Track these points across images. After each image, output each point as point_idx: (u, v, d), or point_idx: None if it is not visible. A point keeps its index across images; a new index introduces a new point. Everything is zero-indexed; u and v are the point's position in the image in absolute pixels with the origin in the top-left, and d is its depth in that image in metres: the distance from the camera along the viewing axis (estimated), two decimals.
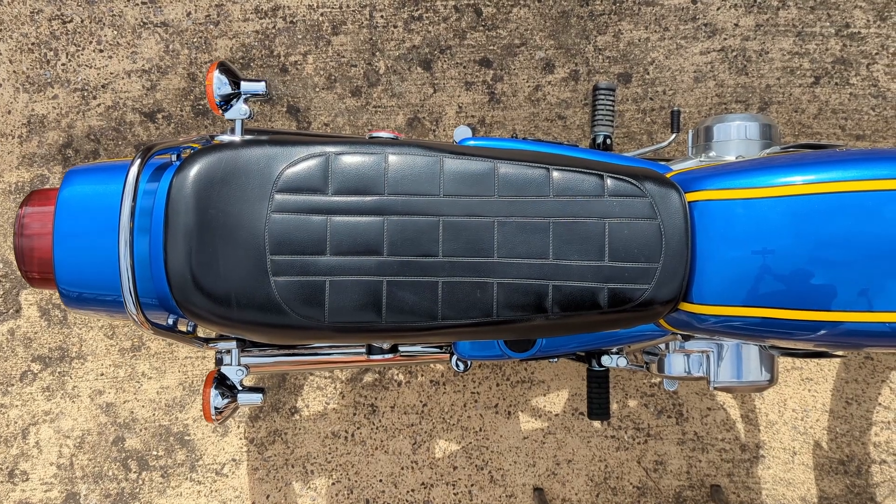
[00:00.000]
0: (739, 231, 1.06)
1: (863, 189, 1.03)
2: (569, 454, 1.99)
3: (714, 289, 1.08)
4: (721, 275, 1.07)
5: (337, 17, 2.02)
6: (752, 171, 1.08)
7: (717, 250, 1.08)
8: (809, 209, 1.04)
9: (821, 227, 1.03)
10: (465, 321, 1.05)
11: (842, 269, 1.03)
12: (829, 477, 1.95)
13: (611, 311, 1.06)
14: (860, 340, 1.08)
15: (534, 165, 1.07)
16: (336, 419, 2.01)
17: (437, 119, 2.04)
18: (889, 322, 1.02)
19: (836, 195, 1.04)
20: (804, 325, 1.06)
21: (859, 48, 1.98)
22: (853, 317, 1.03)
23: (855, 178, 1.03)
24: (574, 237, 1.06)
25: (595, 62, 2.02)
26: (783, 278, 1.04)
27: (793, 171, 1.06)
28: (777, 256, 1.04)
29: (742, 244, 1.06)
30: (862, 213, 1.02)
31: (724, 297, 1.08)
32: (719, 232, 1.08)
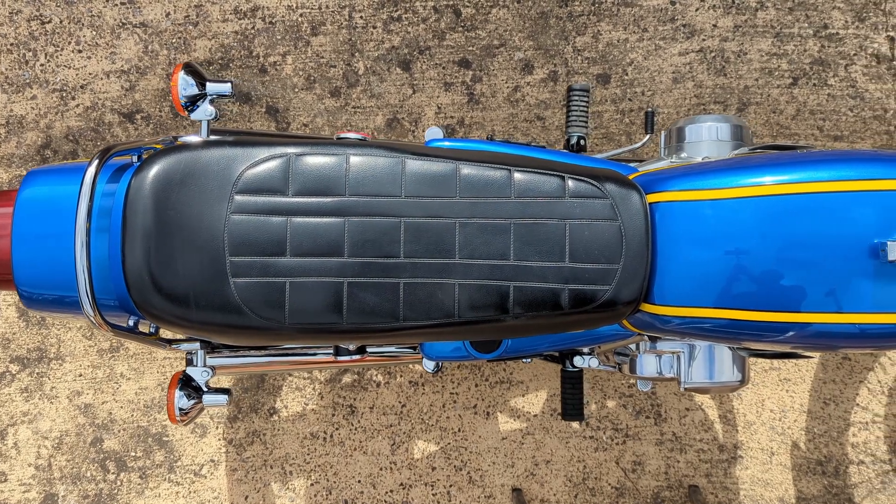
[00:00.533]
0: (700, 232, 1.06)
1: (825, 190, 1.03)
2: (547, 455, 1.99)
3: (675, 290, 1.08)
4: (682, 276, 1.08)
5: (316, 17, 2.02)
6: (711, 172, 1.09)
7: (678, 251, 1.08)
8: (770, 210, 1.04)
9: (781, 228, 1.03)
10: (426, 322, 1.05)
11: (803, 270, 1.03)
12: (806, 477, 1.95)
13: (572, 311, 1.06)
14: (829, 342, 1.08)
15: (496, 167, 1.07)
16: (315, 420, 2.01)
17: (416, 120, 2.04)
18: (857, 323, 1.02)
19: (798, 196, 1.04)
20: (768, 326, 1.06)
21: (837, 49, 1.98)
22: (818, 318, 1.03)
23: (816, 179, 1.03)
24: (535, 238, 1.06)
25: (574, 63, 2.02)
26: (744, 280, 1.04)
27: (753, 173, 1.06)
28: (738, 258, 1.05)
29: (703, 245, 1.06)
30: (825, 213, 1.02)
31: (686, 299, 1.08)
32: (680, 233, 1.08)
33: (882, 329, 1.02)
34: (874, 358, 1.95)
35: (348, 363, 1.32)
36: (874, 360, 1.95)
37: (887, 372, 1.95)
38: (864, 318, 1.02)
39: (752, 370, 1.98)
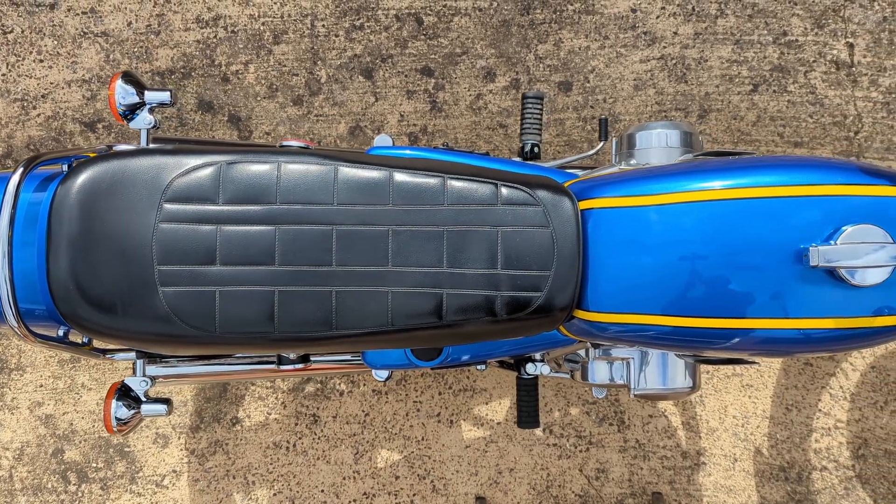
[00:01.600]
0: (630, 238, 1.06)
1: (751, 196, 1.03)
2: (511, 463, 1.98)
3: (608, 296, 1.08)
4: (614, 282, 1.07)
5: (278, 26, 2.02)
6: (640, 179, 1.09)
7: (610, 258, 1.08)
8: (697, 216, 1.04)
9: (709, 234, 1.03)
10: (359, 330, 1.05)
11: (731, 276, 1.03)
12: (769, 483, 1.95)
13: (505, 318, 1.06)
14: (759, 347, 1.08)
15: (430, 175, 1.07)
16: (278, 429, 2.00)
17: (378, 127, 2.04)
18: (784, 328, 1.02)
19: (725, 202, 1.04)
20: (699, 332, 1.06)
21: (797, 56, 1.99)
22: (746, 324, 1.03)
23: (742, 185, 1.03)
24: (468, 245, 1.06)
25: (536, 71, 2.02)
26: (672, 286, 1.04)
27: (680, 179, 1.06)
28: (668, 264, 1.05)
29: (633, 252, 1.06)
30: (751, 219, 1.02)
31: (619, 305, 1.08)
32: (611, 239, 1.08)
33: (810, 334, 1.02)
34: (836, 363, 1.96)
35: (291, 373, 1.31)
36: (836, 366, 1.96)
37: (849, 377, 1.95)
38: (792, 324, 1.02)
39: (715, 377, 1.98)
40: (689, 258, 1.04)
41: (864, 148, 1.99)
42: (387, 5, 2.02)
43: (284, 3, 2.03)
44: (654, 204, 1.05)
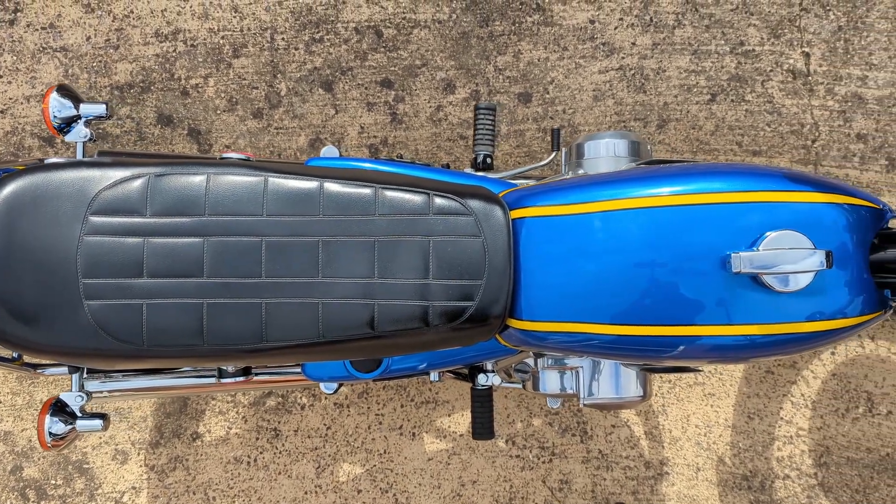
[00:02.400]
0: (561, 247, 1.06)
1: (679, 203, 1.03)
2: (474, 475, 1.97)
3: (541, 305, 1.08)
4: (546, 291, 1.07)
5: (238, 39, 2.02)
6: (571, 188, 1.09)
7: (542, 266, 1.08)
8: (626, 224, 1.04)
9: (634, 241, 1.03)
10: (290, 343, 1.04)
11: (662, 283, 1.03)
12: (732, 493, 1.94)
13: (438, 328, 1.06)
14: (691, 353, 1.07)
15: (362, 185, 1.07)
16: (238, 444, 1.99)
17: (339, 140, 2.04)
18: (710, 335, 1.02)
19: (653, 210, 1.04)
20: (630, 340, 1.05)
21: (754, 65, 2.00)
22: (676, 331, 1.03)
23: (668, 192, 1.03)
24: (399, 255, 1.05)
25: (496, 82, 2.03)
26: (602, 293, 1.04)
27: (612, 188, 1.06)
28: (598, 272, 1.04)
29: (565, 260, 1.06)
30: (680, 226, 1.02)
31: (551, 313, 1.07)
32: (543, 248, 1.08)
33: (743, 341, 1.02)
34: (797, 371, 1.96)
35: (231, 387, 1.30)
36: (797, 374, 1.96)
37: (810, 385, 1.95)
38: (724, 331, 1.02)
39: (678, 386, 1.98)
40: (617, 266, 1.04)
41: (821, 156, 2.00)
42: (346, 18, 2.03)
43: (244, 17, 2.03)
44: (581, 212, 1.05)
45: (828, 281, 1.02)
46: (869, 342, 1.95)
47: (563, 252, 1.06)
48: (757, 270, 0.97)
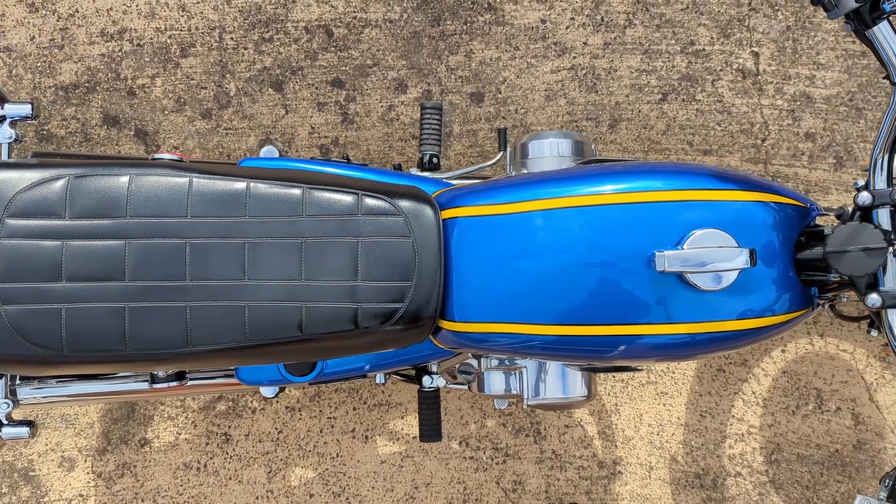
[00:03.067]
0: (493, 247, 1.05)
1: (609, 202, 1.02)
2: (427, 477, 1.96)
3: (473, 306, 1.07)
4: (478, 291, 1.06)
5: (185, 39, 2.00)
6: (501, 188, 1.08)
7: (473, 266, 1.07)
8: (556, 224, 1.03)
9: (569, 241, 1.03)
10: (217, 346, 1.02)
11: (593, 282, 1.02)
12: (685, 491, 1.95)
13: (368, 331, 1.04)
14: (623, 352, 1.07)
15: (290, 185, 1.05)
16: (188, 449, 1.96)
17: (289, 140, 2.02)
18: (638, 335, 1.01)
19: (585, 209, 1.03)
20: (563, 340, 1.05)
21: (704, 65, 2.01)
22: (609, 330, 1.03)
23: (602, 191, 1.03)
24: (327, 257, 1.04)
25: (448, 82, 2.02)
26: (535, 294, 1.03)
27: (541, 187, 1.06)
28: (528, 272, 1.04)
29: (495, 260, 1.05)
30: (610, 225, 1.02)
31: (482, 314, 1.06)
32: (474, 248, 1.07)
33: (663, 340, 1.01)
34: (748, 369, 1.97)
35: (165, 392, 1.28)
36: (748, 371, 1.97)
37: (761, 383, 1.96)
38: (651, 330, 1.01)
39: (630, 385, 1.98)
40: (547, 266, 1.03)
41: (770, 155, 2.01)
42: (296, 17, 2.01)
43: (191, 16, 2.00)
44: (510, 212, 1.04)
45: (755, 279, 1.02)
46: (818, 339, 1.97)
47: (493, 252, 1.05)
48: (680, 269, 0.97)
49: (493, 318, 1.06)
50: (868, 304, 1.02)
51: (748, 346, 1.14)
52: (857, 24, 1.01)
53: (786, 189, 1.10)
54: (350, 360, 1.23)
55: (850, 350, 1.97)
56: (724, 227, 0.99)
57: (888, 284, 1.02)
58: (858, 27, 1.01)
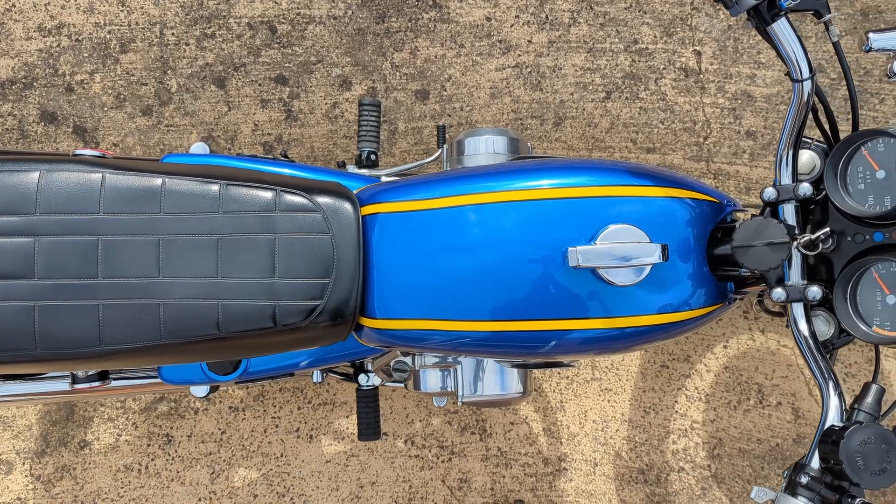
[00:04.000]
0: (412, 243, 1.05)
1: (528, 198, 1.02)
2: (372, 476, 1.95)
3: (393, 303, 1.06)
4: (397, 288, 1.06)
5: (125, 34, 1.96)
6: (423, 184, 1.07)
7: (393, 263, 1.06)
8: (475, 219, 1.03)
9: (489, 237, 1.03)
10: (131, 345, 1.00)
11: (512, 278, 1.02)
12: (629, 487, 1.96)
13: (286, 328, 1.03)
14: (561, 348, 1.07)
15: (207, 181, 1.04)
16: (129, 451, 1.93)
17: (232, 137, 2.00)
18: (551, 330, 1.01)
19: (503, 204, 1.03)
20: (485, 336, 1.04)
21: (647, 63, 2.03)
22: (526, 326, 1.03)
23: (518, 188, 1.03)
24: (244, 254, 1.03)
25: (392, 79, 2.01)
26: (455, 290, 1.03)
27: (460, 183, 1.05)
28: (448, 268, 1.03)
29: (415, 256, 1.05)
30: (528, 221, 1.02)
31: (403, 311, 1.06)
32: (394, 244, 1.06)
33: (586, 335, 1.02)
34: (691, 365, 1.99)
35: (86, 392, 1.25)
36: (691, 367, 1.99)
37: (704, 378, 1.98)
38: (576, 325, 1.02)
39: (575, 382, 1.99)
40: (466, 262, 1.03)
41: (713, 153, 2.03)
42: (239, 13, 1.99)
43: (131, 11, 1.97)
44: (430, 208, 1.04)
45: (670, 274, 1.03)
46: (759, 335, 2.00)
47: (413, 248, 1.05)
48: (591, 264, 0.97)
49: (414, 316, 1.06)
50: (773, 298, 1.03)
51: (671, 340, 1.15)
52: (758, 20, 1.02)
53: (702, 185, 1.11)
54: (276, 359, 1.22)
55: (790, 346, 1.99)
56: (637, 223, 1.00)
57: (793, 279, 1.03)
58: (759, 24, 1.03)
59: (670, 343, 1.99)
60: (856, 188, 1.00)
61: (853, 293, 0.99)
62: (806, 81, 1.04)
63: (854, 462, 0.85)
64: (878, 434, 0.85)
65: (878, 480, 0.84)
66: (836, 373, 1.00)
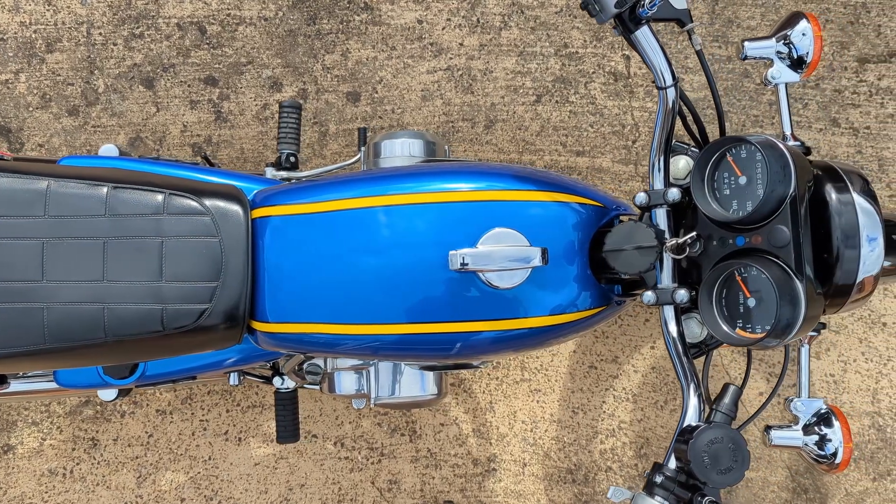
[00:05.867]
0: (302, 246, 1.05)
1: (415, 202, 1.03)
2: (301, 478, 1.95)
3: (285, 306, 1.06)
4: (289, 291, 1.06)
5: (52, 34, 1.94)
6: (316, 187, 1.08)
7: (284, 266, 1.06)
8: (363, 223, 1.04)
9: (377, 241, 1.03)
10: (14, 350, 1.00)
11: (402, 282, 1.03)
12: (557, 486, 1.98)
13: (174, 332, 1.03)
14: (422, 351, 1.07)
15: (94, 184, 1.03)
16: (53, 455, 1.90)
17: (160, 139, 1.98)
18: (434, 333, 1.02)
19: (390, 208, 1.04)
20: (383, 339, 1.05)
21: (577, 67, 2.05)
22: (409, 329, 1.03)
23: (406, 191, 1.04)
24: (130, 257, 1.02)
25: (323, 81, 2.01)
26: (345, 293, 1.03)
27: (350, 187, 1.06)
28: (338, 271, 1.04)
29: (305, 259, 1.05)
30: (416, 224, 1.03)
31: (297, 315, 1.06)
32: (285, 247, 1.06)
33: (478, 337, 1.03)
34: (619, 365, 2.01)
35: None
36: (619, 368, 2.01)
37: (631, 379, 2.01)
38: (459, 327, 1.03)
39: (504, 383, 2.00)
40: (356, 265, 1.03)
41: (641, 156, 2.06)
42: (168, 13, 1.97)
43: (58, 10, 1.95)
44: (319, 211, 1.04)
45: (554, 277, 1.04)
46: None
47: (304, 252, 1.05)
48: (472, 268, 0.98)
49: (306, 319, 1.06)
50: (644, 302, 1.05)
51: (568, 340, 1.16)
52: (623, 29, 1.04)
53: (590, 190, 1.12)
54: (175, 362, 1.22)
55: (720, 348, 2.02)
56: (521, 227, 1.01)
57: (665, 282, 1.05)
58: (624, 32, 1.04)
59: (598, 344, 2.01)
60: (723, 193, 1.02)
61: (720, 296, 1.01)
62: (670, 88, 1.06)
63: (701, 461, 0.86)
64: (726, 434, 0.87)
65: (724, 479, 0.86)
66: (698, 374, 1.02)
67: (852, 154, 2.03)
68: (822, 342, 2.00)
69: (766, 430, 1.19)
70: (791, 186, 0.94)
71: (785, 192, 0.94)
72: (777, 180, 0.93)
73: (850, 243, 0.96)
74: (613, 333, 2.02)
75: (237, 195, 1.08)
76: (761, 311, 0.94)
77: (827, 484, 1.99)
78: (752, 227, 0.98)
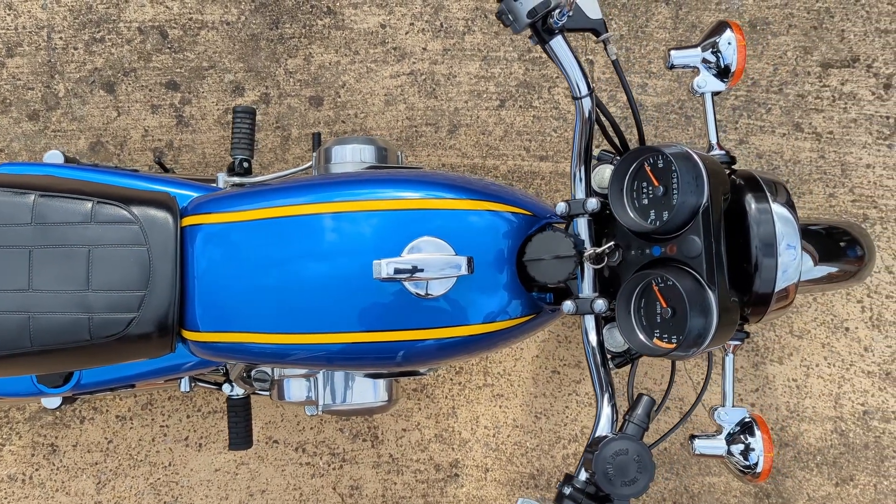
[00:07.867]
0: (232, 254, 1.05)
1: (344, 210, 1.03)
2: (263, 484, 1.94)
3: (215, 315, 1.06)
4: (218, 300, 1.05)
5: (11, 38, 1.93)
6: (248, 195, 1.07)
7: (214, 274, 1.06)
8: (293, 230, 1.03)
9: (307, 249, 1.03)
10: None
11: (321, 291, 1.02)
12: (520, 491, 1.98)
13: (102, 342, 1.02)
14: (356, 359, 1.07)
15: (19, 193, 1.03)
16: (12, 461, 1.89)
17: (121, 143, 1.97)
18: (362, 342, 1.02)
19: (322, 216, 1.03)
20: (315, 348, 1.05)
21: (541, 72, 2.04)
22: (342, 338, 1.03)
23: (337, 199, 1.03)
24: (56, 266, 1.01)
25: (286, 85, 2.00)
26: (274, 301, 1.03)
27: (286, 195, 1.05)
28: (268, 280, 1.03)
29: (235, 268, 1.05)
30: (346, 233, 1.02)
31: (228, 324, 1.05)
32: (214, 256, 1.06)
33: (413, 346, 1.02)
34: (581, 370, 2.01)
35: None
36: (582, 373, 2.01)
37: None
38: (382, 337, 1.02)
39: (467, 388, 2.00)
40: (286, 274, 1.03)
41: None
42: (129, 18, 1.97)
43: (18, 15, 1.94)
44: (248, 220, 1.04)
45: (486, 286, 1.04)
46: None
47: (233, 260, 1.05)
48: (396, 277, 0.98)
49: (237, 328, 1.05)
50: (564, 311, 1.04)
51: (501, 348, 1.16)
52: (539, 39, 1.04)
53: (522, 199, 1.12)
54: (112, 370, 1.21)
55: None
56: (448, 236, 1.00)
57: (585, 291, 1.05)
58: (540, 42, 1.04)
59: (561, 349, 2.01)
60: (641, 203, 1.01)
61: (639, 306, 1.00)
62: (585, 98, 1.06)
63: (605, 472, 0.86)
64: (631, 445, 0.87)
65: (627, 490, 0.86)
66: (613, 385, 1.02)
67: (815, 159, 2.03)
68: (785, 347, 2.00)
69: (690, 438, 1.18)
70: (704, 197, 0.93)
71: (698, 202, 0.93)
72: (689, 191, 0.93)
73: (767, 252, 0.96)
74: (576, 338, 2.02)
75: (168, 203, 1.08)
76: (677, 321, 0.94)
77: (790, 489, 1.99)
78: (667, 238, 0.97)
